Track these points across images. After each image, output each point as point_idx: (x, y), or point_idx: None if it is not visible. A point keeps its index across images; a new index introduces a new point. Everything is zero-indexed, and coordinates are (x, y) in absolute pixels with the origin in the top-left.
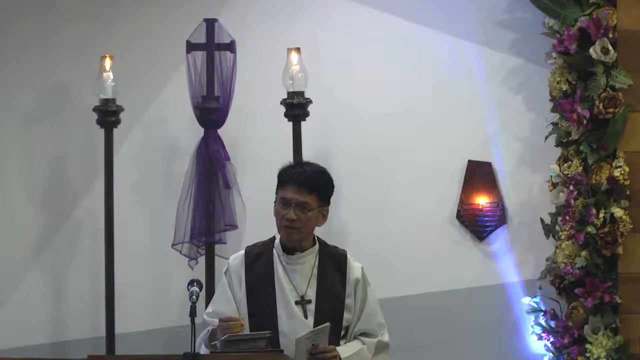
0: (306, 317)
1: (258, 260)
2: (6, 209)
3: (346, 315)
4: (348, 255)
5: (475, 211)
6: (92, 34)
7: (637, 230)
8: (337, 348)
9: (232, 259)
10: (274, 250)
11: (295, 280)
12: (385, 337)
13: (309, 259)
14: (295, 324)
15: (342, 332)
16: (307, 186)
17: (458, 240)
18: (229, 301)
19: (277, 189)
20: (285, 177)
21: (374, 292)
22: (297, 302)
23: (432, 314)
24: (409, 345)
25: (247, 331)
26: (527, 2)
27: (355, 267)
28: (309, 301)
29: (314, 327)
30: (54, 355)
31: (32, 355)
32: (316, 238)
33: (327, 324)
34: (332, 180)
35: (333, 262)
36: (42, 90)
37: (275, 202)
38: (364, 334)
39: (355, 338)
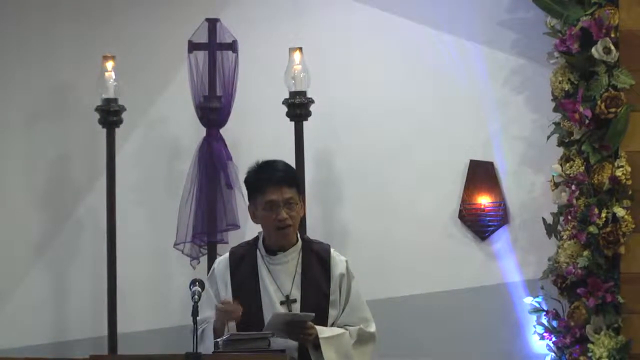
0: None
1: (242, 263)
2: (8, 208)
3: (331, 311)
4: (332, 250)
5: (477, 211)
6: (94, 34)
7: (639, 230)
8: (317, 327)
9: (217, 263)
10: (258, 251)
11: (279, 280)
12: (370, 328)
13: (292, 257)
14: None
15: None
16: (286, 182)
17: (460, 240)
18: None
19: (253, 196)
20: (261, 182)
21: (359, 286)
22: (282, 303)
23: (433, 313)
24: (410, 345)
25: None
26: (528, 1)
27: (339, 262)
28: (294, 300)
29: None
30: (56, 355)
31: (34, 355)
32: (298, 235)
33: (312, 315)
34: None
35: (316, 259)
36: (44, 90)
37: (255, 210)
38: (348, 326)
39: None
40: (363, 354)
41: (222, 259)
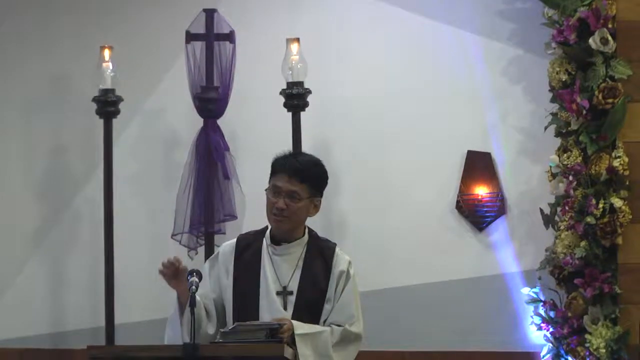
0: (285, 308)
1: (247, 250)
2: (6, 199)
3: (327, 306)
4: (337, 249)
5: (474, 201)
6: (91, 25)
7: (637, 221)
8: (294, 322)
9: (222, 247)
10: (264, 240)
11: (279, 271)
12: (355, 328)
13: (296, 250)
14: (274, 314)
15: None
16: (298, 175)
17: (457, 231)
18: (204, 287)
19: (270, 177)
20: (278, 166)
21: (356, 285)
22: (278, 293)
23: (431, 304)
24: (408, 335)
25: (214, 312)
26: None
27: (342, 260)
28: (290, 292)
29: (292, 318)
30: (53, 346)
31: (32, 346)
32: (307, 230)
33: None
34: (325, 172)
35: (320, 255)
36: (42, 80)
37: (267, 190)
38: (333, 325)
39: None
40: (344, 354)
41: (229, 244)
